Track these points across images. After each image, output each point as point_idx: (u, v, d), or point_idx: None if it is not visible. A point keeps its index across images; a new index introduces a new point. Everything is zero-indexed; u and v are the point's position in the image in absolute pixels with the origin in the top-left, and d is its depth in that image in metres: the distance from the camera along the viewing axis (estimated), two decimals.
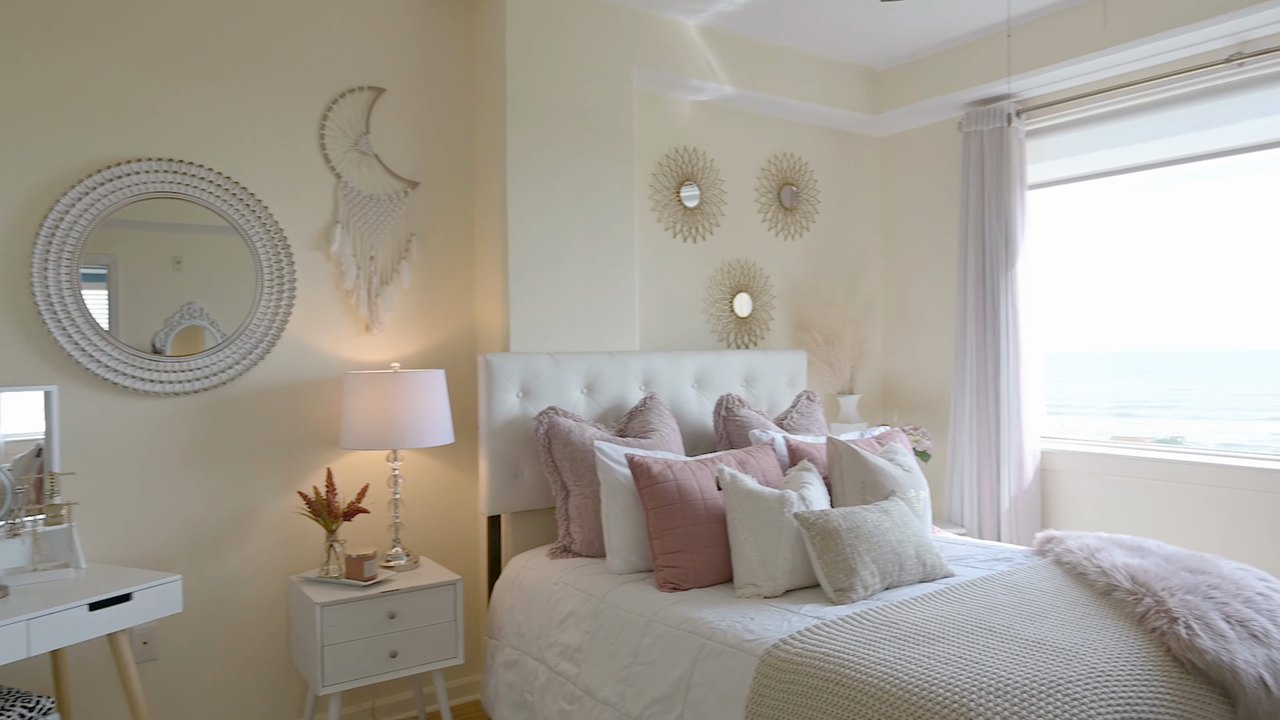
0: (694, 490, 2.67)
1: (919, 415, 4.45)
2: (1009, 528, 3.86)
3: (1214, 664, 1.91)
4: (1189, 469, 3.44)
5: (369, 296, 3.11)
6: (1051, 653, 1.91)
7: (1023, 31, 3.65)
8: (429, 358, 3.26)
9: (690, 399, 3.55)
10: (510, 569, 3.01)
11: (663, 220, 3.81)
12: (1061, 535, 2.72)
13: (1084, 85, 3.73)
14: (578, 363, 3.25)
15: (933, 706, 1.72)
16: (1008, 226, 3.85)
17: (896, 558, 2.50)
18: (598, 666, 2.47)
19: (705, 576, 2.59)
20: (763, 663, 2.03)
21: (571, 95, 3.31)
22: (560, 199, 3.29)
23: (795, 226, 4.28)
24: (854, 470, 2.91)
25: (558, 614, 2.69)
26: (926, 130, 4.40)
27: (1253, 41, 3.22)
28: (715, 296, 3.98)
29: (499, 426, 3.07)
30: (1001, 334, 3.86)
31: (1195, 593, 2.13)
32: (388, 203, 3.16)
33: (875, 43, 3.91)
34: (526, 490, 3.14)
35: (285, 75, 2.96)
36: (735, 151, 4.06)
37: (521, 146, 3.18)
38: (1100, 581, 2.33)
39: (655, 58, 3.52)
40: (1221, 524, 3.35)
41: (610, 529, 2.77)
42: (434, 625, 2.79)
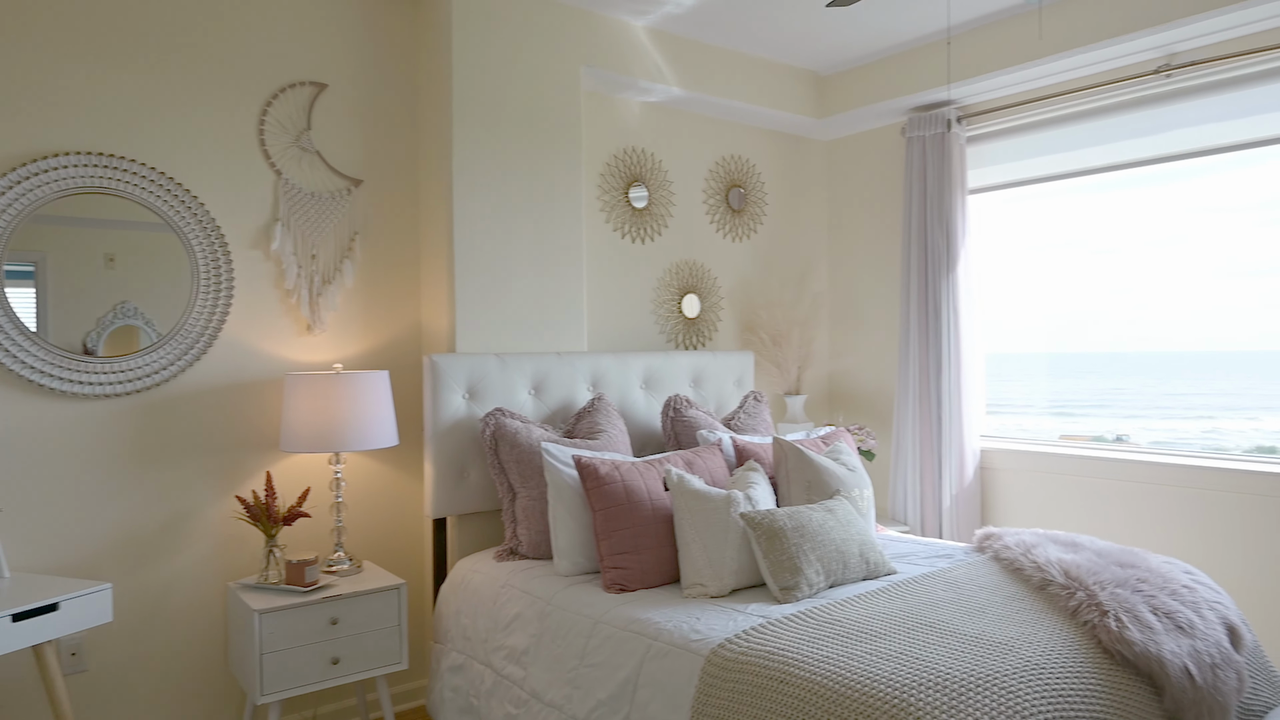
0: (641, 491, 2.67)
1: (864, 415, 4.52)
2: (950, 525, 3.94)
3: (1142, 655, 1.97)
4: (1122, 466, 3.56)
5: (310, 296, 3.04)
6: (989, 647, 1.96)
7: (962, 40, 3.73)
8: (373, 359, 3.21)
9: (638, 400, 3.55)
10: (456, 572, 2.98)
11: (611, 221, 3.80)
12: (1000, 532, 2.78)
13: (1022, 93, 3.83)
14: (525, 363, 3.23)
15: (874, 702, 1.74)
16: (949, 230, 3.93)
17: (841, 556, 2.54)
18: (544, 669, 2.46)
19: (652, 577, 2.59)
20: (708, 662, 2.04)
21: (519, 94, 3.29)
22: (507, 199, 3.26)
23: (743, 228, 4.31)
24: (799, 470, 2.94)
25: (504, 617, 2.67)
26: (871, 134, 4.47)
27: (1180, 54, 3.33)
28: (664, 297, 3.99)
29: (445, 428, 3.03)
30: (943, 335, 3.94)
31: (1125, 586, 2.20)
32: (330, 200, 3.10)
33: (821, 47, 3.96)
34: (473, 492, 3.11)
35: (223, 68, 2.88)
36: (683, 153, 4.08)
37: (468, 145, 3.15)
38: (1036, 577, 2.39)
39: (603, 58, 3.51)
40: (1151, 519, 3.47)
41: (557, 531, 2.75)
42: (378, 630, 2.74)
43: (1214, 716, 1.98)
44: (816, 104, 4.30)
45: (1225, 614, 2.27)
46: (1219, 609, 2.27)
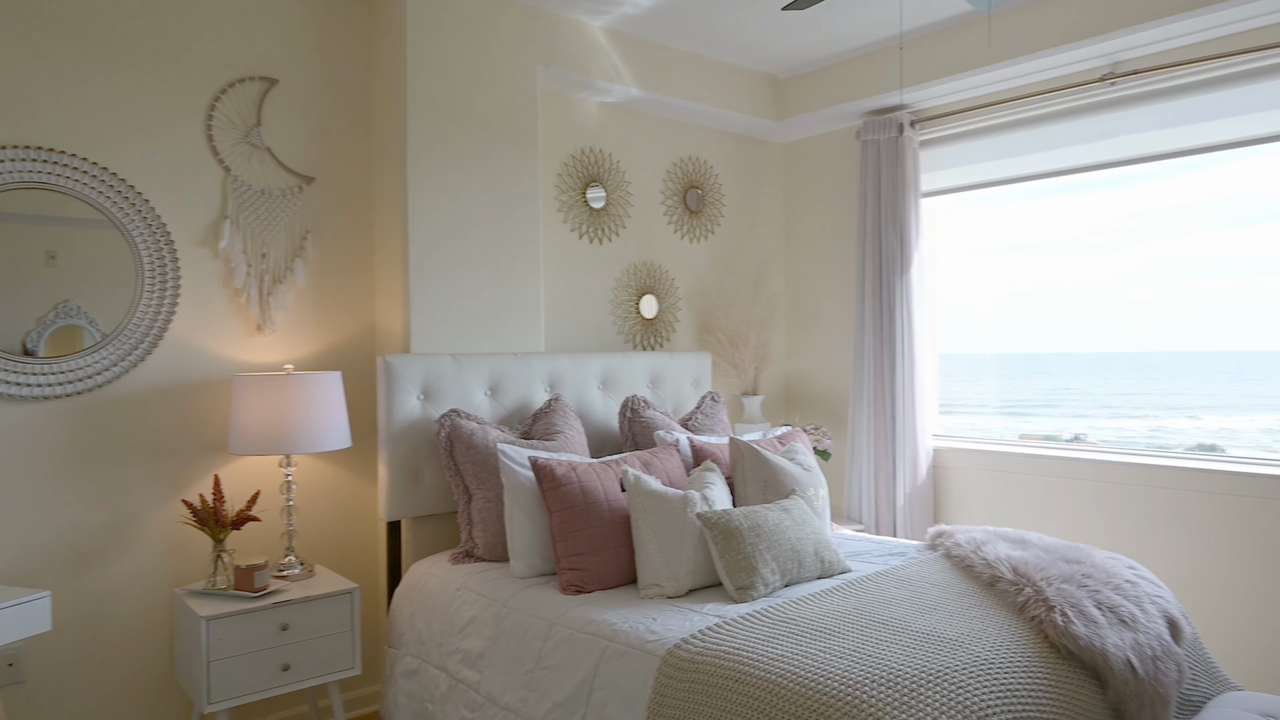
0: (598, 492, 2.67)
1: (820, 415, 4.57)
2: (904, 523, 3.99)
3: (1086, 649, 2.02)
4: (1069, 464, 3.64)
5: (260, 295, 2.98)
6: (939, 643, 1.99)
7: (915, 45, 3.79)
8: (325, 359, 3.16)
9: (596, 400, 3.55)
10: (410, 575, 2.94)
11: (569, 221, 3.79)
12: (951, 530, 2.83)
13: (973, 98, 3.90)
14: (481, 364, 3.20)
15: (827, 699, 1.76)
16: (902, 233, 3.99)
17: (796, 555, 2.56)
18: (500, 672, 2.44)
19: (609, 578, 2.59)
20: (664, 663, 2.04)
21: (475, 92, 3.26)
22: (463, 198, 3.23)
23: (700, 229, 4.33)
24: (756, 470, 2.96)
25: (459, 620, 2.64)
26: (827, 137, 4.52)
27: (1124, 63, 3.43)
28: (621, 298, 3.99)
29: (399, 430, 3.00)
30: (896, 336, 4.00)
31: (1070, 582, 2.25)
32: (281, 198, 3.04)
33: (777, 50, 3.99)
34: (428, 495, 3.07)
35: (169, 61, 2.81)
36: (641, 154, 4.08)
37: (423, 143, 3.12)
38: (985, 573, 2.44)
39: (560, 57, 3.50)
40: (1097, 516, 3.55)
41: (513, 532, 2.73)
42: (330, 636, 2.70)
43: (1155, 708, 2.04)
44: (773, 107, 4.34)
45: (1166, 607, 2.33)
46: (1160, 603, 2.33)
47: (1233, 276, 3.69)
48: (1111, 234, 3.74)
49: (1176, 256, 3.71)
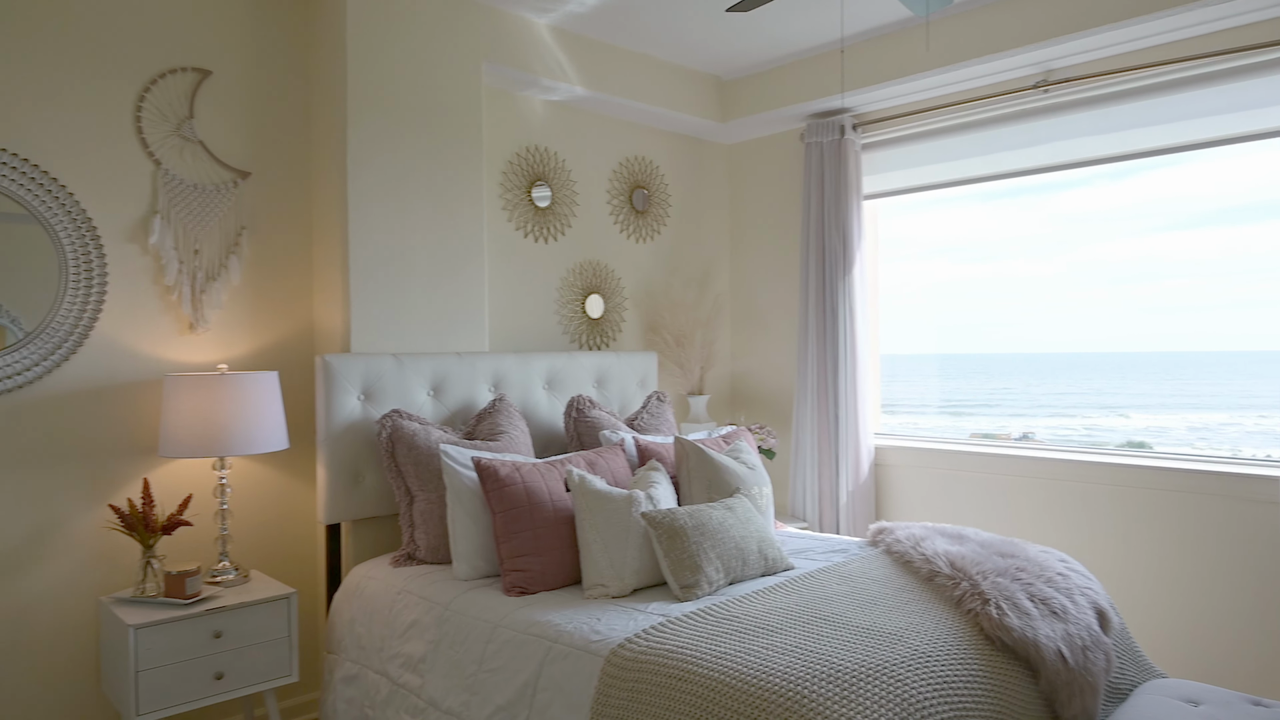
0: (542, 492, 2.65)
1: (765, 414, 4.60)
2: (847, 520, 4.05)
3: (1020, 640, 2.07)
4: (1006, 461, 3.73)
5: (193, 293, 2.89)
6: (879, 638, 2.02)
7: (856, 50, 3.85)
8: (261, 359, 3.08)
9: (541, 400, 3.52)
10: (350, 579, 2.88)
11: (514, 220, 3.76)
12: (892, 526, 2.87)
13: (913, 103, 3.97)
14: (424, 364, 3.15)
15: (769, 695, 1.77)
16: (845, 234, 4.05)
17: (740, 553, 2.57)
18: (442, 676, 2.40)
19: (554, 579, 2.57)
20: (607, 663, 2.04)
21: (417, 87, 3.21)
22: (405, 194, 3.18)
23: (647, 229, 4.33)
24: (700, 469, 2.97)
25: (400, 624, 2.59)
26: (771, 139, 4.56)
27: (1056, 70, 3.52)
28: (567, 297, 3.97)
29: (339, 431, 2.93)
30: (839, 336, 4.05)
31: (1005, 575, 2.31)
32: (215, 193, 2.95)
33: (722, 52, 4.02)
34: (368, 497, 3.02)
35: (96, 50, 2.71)
36: (587, 153, 4.07)
37: (363, 139, 3.06)
38: (924, 568, 2.48)
39: (505, 54, 3.47)
40: (1032, 511, 3.65)
41: (456, 534, 2.70)
42: (266, 643, 2.63)
43: (1084, 696, 2.10)
44: (718, 108, 4.36)
45: (1095, 599, 2.41)
46: (1090, 594, 2.40)
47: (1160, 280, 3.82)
48: (1047, 238, 3.85)
49: (1108, 260, 3.83)
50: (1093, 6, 3.14)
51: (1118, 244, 3.86)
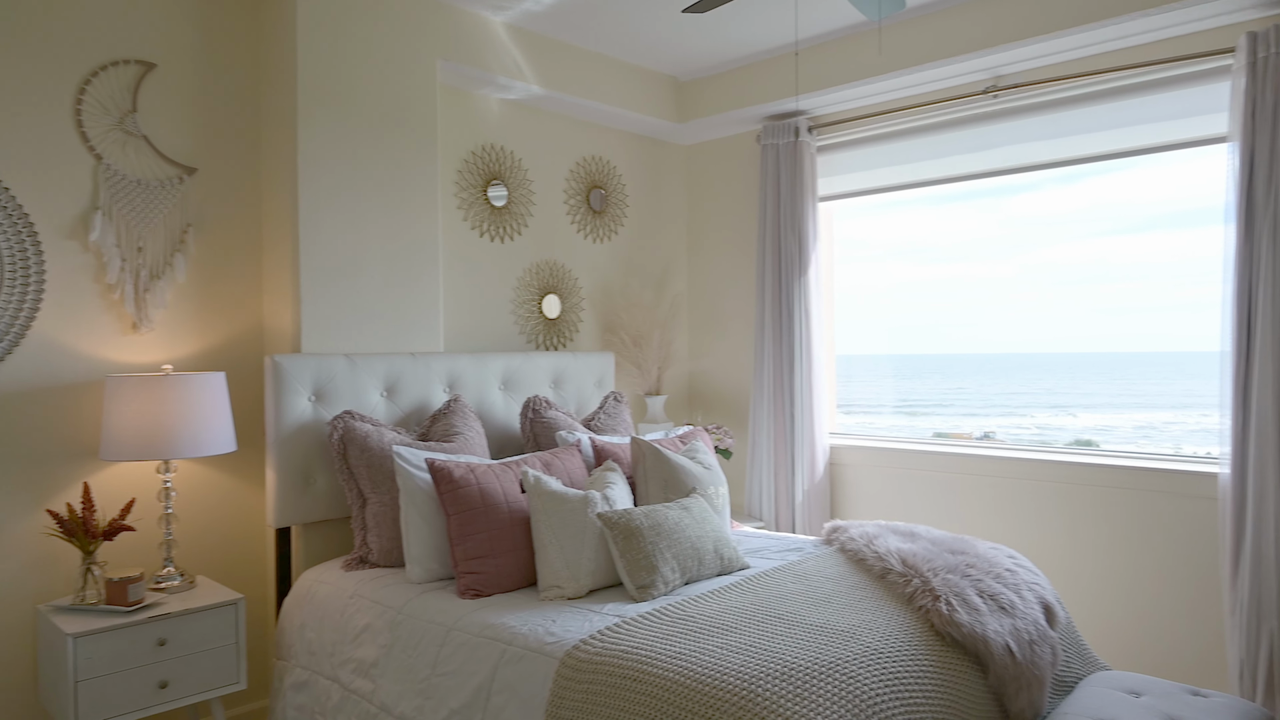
0: (497, 494, 2.62)
1: (722, 414, 4.62)
2: (802, 519, 4.08)
3: (969, 635, 2.10)
4: (957, 460, 3.79)
5: (136, 292, 2.82)
6: (832, 635, 2.03)
7: (810, 53, 3.88)
8: (208, 359, 3.00)
9: (497, 401, 3.49)
10: (301, 584, 2.83)
11: (469, 219, 3.72)
12: (846, 525, 2.90)
13: (867, 106, 4.02)
14: (377, 364, 3.11)
15: (724, 695, 1.77)
16: (801, 236, 4.08)
17: (696, 553, 2.57)
18: (395, 681, 2.37)
19: (509, 581, 2.55)
20: (562, 664, 2.02)
21: (370, 84, 3.16)
22: (359, 192, 3.13)
23: (604, 229, 4.32)
24: (657, 469, 2.97)
25: (352, 628, 2.55)
26: (728, 141, 4.58)
27: (1005, 76, 3.59)
28: (524, 297, 3.94)
29: (289, 433, 2.88)
30: (795, 336, 4.08)
31: (955, 572, 2.34)
32: (159, 189, 2.88)
33: (679, 53, 4.03)
34: (319, 500, 2.96)
35: (33, 39, 2.62)
36: (544, 152, 4.04)
37: (314, 136, 3.00)
38: (877, 566, 2.51)
39: (460, 52, 3.43)
40: (983, 508, 3.71)
41: (410, 537, 2.66)
42: (212, 650, 2.57)
43: (1032, 690, 2.14)
44: (676, 109, 4.37)
45: (1042, 594, 2.45)
46: (1037, 589, 2.45)
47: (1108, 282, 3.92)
48: (1001, 241, 3.92)
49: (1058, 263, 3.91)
50: (1040, 14, 3.21)
51: (1068, 247, 3.95)
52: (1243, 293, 2.94)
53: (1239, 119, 2.93)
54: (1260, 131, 2.88)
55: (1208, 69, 3.12)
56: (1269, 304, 2.85)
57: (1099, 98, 3.40)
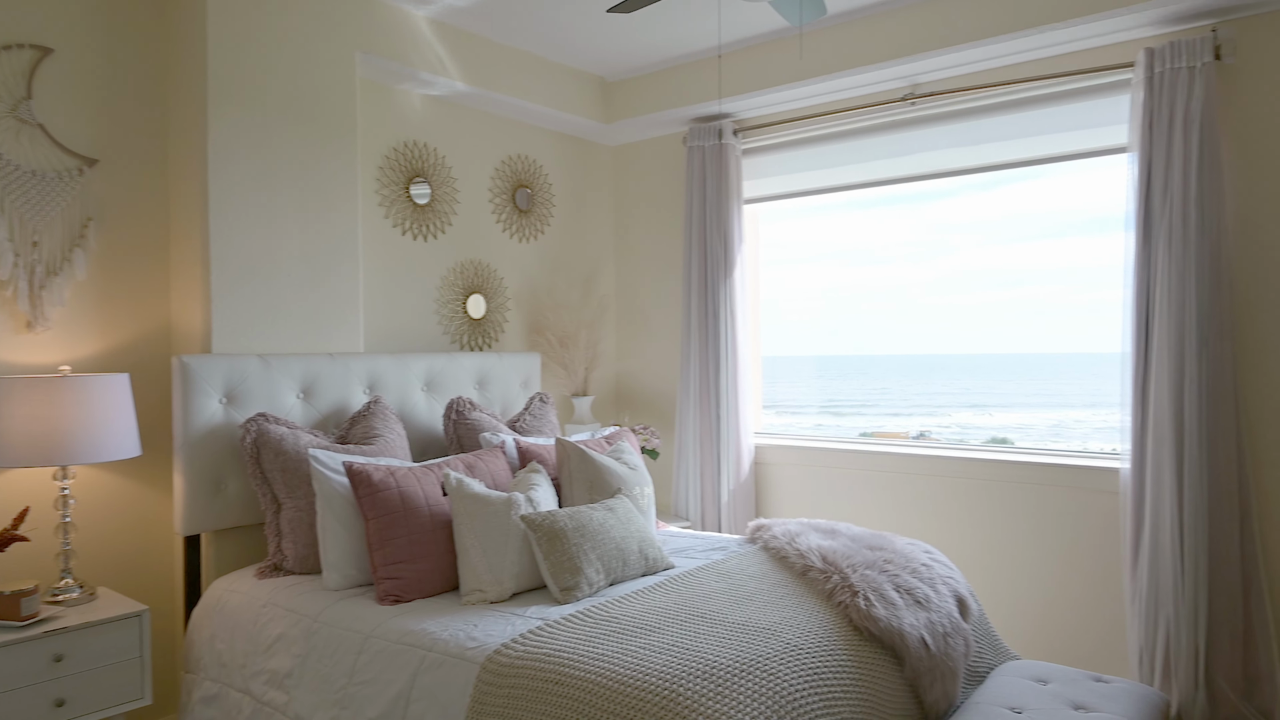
0: (418, 497, 2.57)
1: (649, 415, 4.63)
2: (728, 518, 4.12)
3: (886, 630, 2.15)
4: (878, 458, 3.88)
5: (31, 289, 2.67)
6: (754, 633, 2.05)
7: (733, 57, 3.92)
8: (110, 360, 2.87)
9: (420, 403, 3.43)
10: (211, 593, 2.73)
11: (391, 216, 3.64)
12: (769, 523, 2.94)
13: (791, 110, 4.08)
14: (293, 365, 3.01)
15: (646, 695, 1.77)
16: (726, 237, 4.12)
17: (620, 554, 2.57)
18: (310, 691, 2.30)
19: (430, 586, 2.50)
20: (483, 669, 1.99)
21: (285, 76, 3.07)
22: (273, 187, 3.03)
23: (530, 229, 4.29)
24: (582, 470, 2.95)
25: (265, 638, 2.47)
26: (655, 142, 4.60)
27: (922, 84, 3.69)
28: (447, 297, 3.88)
29: (198, 436, 2.77)
30: (721, 337, 4.12)
31: (873, 568, 2.39)
32: (56, 181, 2.73)
33: (606, 53, 4.02)
34: (231, 506, 2.86)
35: None
36: (468, 150, 3.99)
37: (225, 128, 2.90)
38: (798, 563, 2.55)
39: (380, 45, 3.36)
40: (902, 505, 3.81)
41: (327, 543, 2.59)
42: (114, 664, 2.45)
43: (945, 681, 2.20)
44: (603, 109, 4.36)
45: (956, 588, 2.53)
46: (951, 583, 2.52)
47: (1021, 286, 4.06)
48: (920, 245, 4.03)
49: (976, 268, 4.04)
50: (954, 25, 3.31)
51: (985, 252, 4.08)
52: (1141, 297, 3.09)
53: (1138, 130, 3.07)
54: (1157, 143, 3.02)
55: (1110, 82, 3.26)
56: (1166, 308, 3.00)
57: (1010, 107, 3.52)
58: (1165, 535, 2.98)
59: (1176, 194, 2.97)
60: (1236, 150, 3.02)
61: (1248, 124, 3.01)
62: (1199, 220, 2.94)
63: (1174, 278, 2.98)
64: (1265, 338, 2.99)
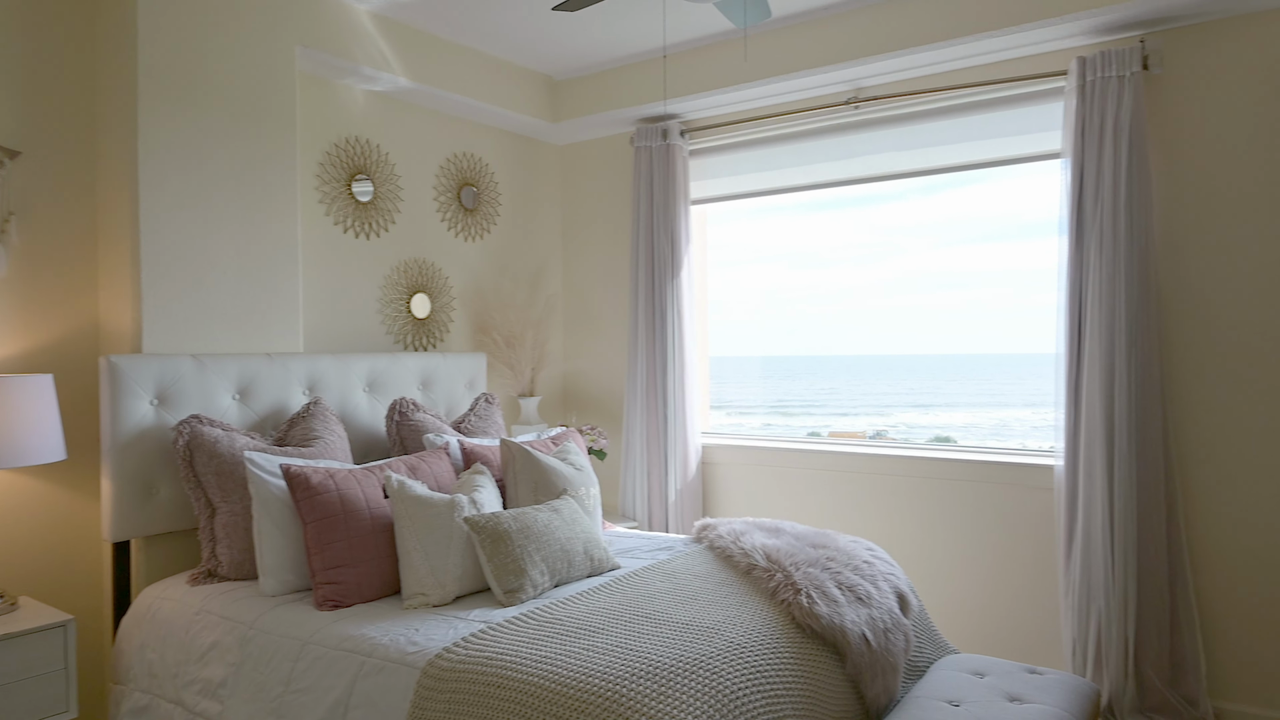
0: (359, 500, 2.52)
1: (597, 415, 4.62)
2: (676, 518, 4.13)
3: (828, 626, 2.17)
4: (824, 457, 3.92)
5: None
6: (697, 632, 2.06)
7: (680, 58, 3.93)
8: (33, 360, 2.75)
9: (362, 404, 3.37)
10: (141, 601, 2.64)
11: (332, 214, 3.57)
12: (715, 522, 2.95)
13: (738, 112, 4.11)
14: (229, 365, 2.93)
15: (588, 696, 1.76)
16: (673, 238, 4.13)
17: (565, 555, 2.55)
18: (245, 701, 2.24)
19: (370, 590, 2.46)
20: (424, 674, 1.96)
21: (220, 68, 2.98)
22: (208, 181, 2.95)
23: (476, 228, 4.24)
24: (527, 471, 2.93)
25: (198, 647, 2.40)
26: (603, 141, 4.59)
27: (866, 89, 3.75)
28: (391, 296, 3.82)
29: (128, 439, 2.67)
30: (668, 337, 4.13)
31: (816, 565, 2.42)
32: None
33: (553, 51, 4.00)
34: (163, 511, 2.77)
35: None
36: (413, 147, 3.93)
37: (158, 120, 2.81)
38: (743, 562, 2.56)
39: (321, 39, 3.29)
40: (846, 502, 3.86)
41: (263, 547, 2.53)
42: (37, 677, 2.35)
43: (886, 676, 2.23)
44: (550, 108, 4.34)
45: (897, 584, 2.56)
46: (892, 580, 2.56)
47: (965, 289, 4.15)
48: (867, 248, 4.09)
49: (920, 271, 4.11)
50: (896, 31, 3.36)
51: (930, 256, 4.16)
52: (1074, 299, 3.18)
53: (1070, 137, 3.16)
54: (1088, 149, 3.11)
55: (1045, 89, 3.35)
56: (1097, 309, 3.09)
57: (951, 112, 3.59)
58: (1097, 530, 3.07)
59: (1107, 199, 3.06)
60: (1163, 158, 3.13)
61: (1173, 132, 3.11)
62: (1128, 225, 3.03)
63: (1104, 280, 3.07)
64: (1190, 339, 3.10)
